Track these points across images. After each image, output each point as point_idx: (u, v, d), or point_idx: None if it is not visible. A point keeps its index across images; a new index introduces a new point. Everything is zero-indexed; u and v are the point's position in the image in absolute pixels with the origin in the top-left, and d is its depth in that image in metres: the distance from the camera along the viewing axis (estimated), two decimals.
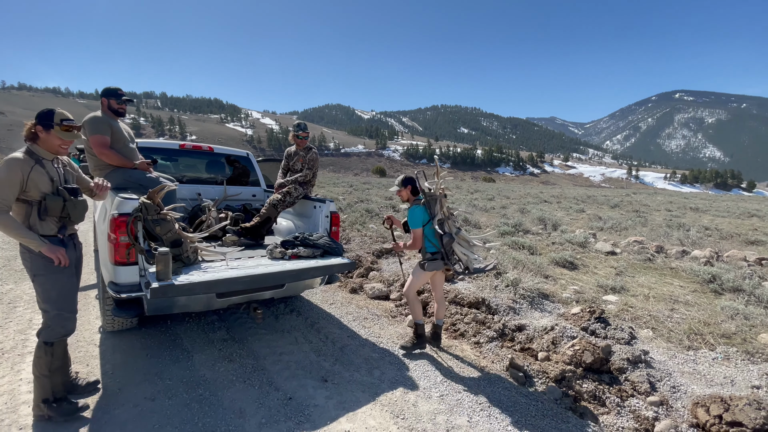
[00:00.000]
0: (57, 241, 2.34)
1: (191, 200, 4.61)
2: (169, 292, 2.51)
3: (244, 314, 4.13)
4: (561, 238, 8.70)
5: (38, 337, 2.35)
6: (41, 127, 2.25)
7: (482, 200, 19.56)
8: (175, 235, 2.89)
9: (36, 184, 2.21)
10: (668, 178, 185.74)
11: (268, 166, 6.54)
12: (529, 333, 3.81)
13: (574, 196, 28.34)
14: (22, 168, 2.17)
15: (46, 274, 2.28)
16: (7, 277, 4.88)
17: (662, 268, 6.61)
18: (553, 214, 13.49)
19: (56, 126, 2.26)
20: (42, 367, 2.34)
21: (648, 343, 3.75)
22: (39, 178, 2.22)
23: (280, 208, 4.21)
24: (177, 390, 2.74)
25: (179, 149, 4.95)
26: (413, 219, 3.37)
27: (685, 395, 2.93)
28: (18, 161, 2.17)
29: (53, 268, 2.29)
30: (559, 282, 5.60)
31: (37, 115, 2.28)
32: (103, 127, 3.34)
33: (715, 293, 5.29)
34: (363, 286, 5.20)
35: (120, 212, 2.72)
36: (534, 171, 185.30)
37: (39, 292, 2.31)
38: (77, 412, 2.40)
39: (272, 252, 3.50)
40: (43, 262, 2.27)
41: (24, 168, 2.17)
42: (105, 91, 3.49)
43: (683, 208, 19.73)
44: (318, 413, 2.58)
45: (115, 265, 2.74)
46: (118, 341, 3.39)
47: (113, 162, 3.41)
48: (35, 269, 2.28)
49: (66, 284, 2.37)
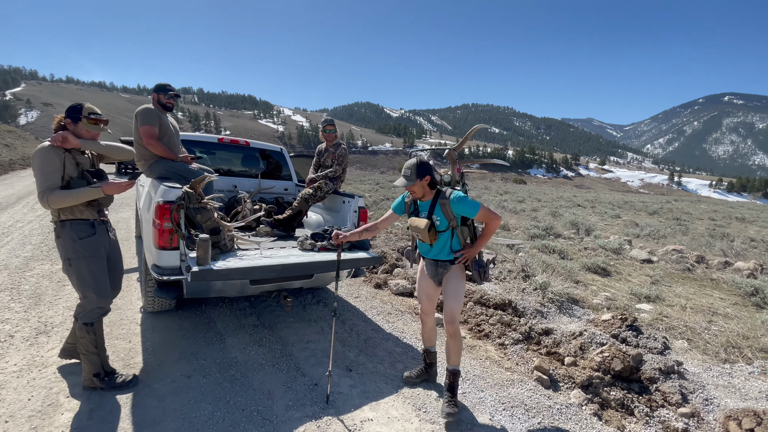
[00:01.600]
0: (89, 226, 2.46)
1: (228, 192, 4.82)
2: (208, 276, 2.66)
3: (273, 302, 4.28)
4: (594, 243, 8.44)
5: (77, 319, 2.51)
6: (70, 120, 2.40)
7: (512, 202, 19.19)
8: (214, 224, 3.05)
9: (68, 169, 2.36)
10: (713, 186, 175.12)
11: (299, 162, 6.72)
12: (556, 337, 3.75)
13: (609, 201, 27.29)
14: (56, 153, 2.31)
15: (79, 258, 2.42)
16: (57, 257, 5.27)
17: (702, 279, 6.30)
18: (587, 219, 13.07)
19: (84, 119, 2.40)
20: (88, 346, 2.52)
21: (682, 354, 3.61)
22: (69, 164, 2.37)
23: (311, 202, 4.33)
24: (210, 369, 2.90)
25: (218, 143, 5.19)
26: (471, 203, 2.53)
27: (718, 408, 2.81)
28: (50, 148, 2.31)
29: (86, 253, 2.42)
30: (589, 288, 5.45)
31: (67, 109, 2.42)
32: (153, 119, 3.55)
33: (757, 307, 5.00)
34: (387, 282, 5.27)
35: (165, 200, 2.90)
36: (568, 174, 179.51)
37: (74, 277, 2.44)
38: (126, 387, 2.58)
39: (302, 244, 3.61)
40: (76, 246, 2.40)
41: (58, 153, 2.32)
42: (156, 86, 3.73)
43: (728, 218, 18.60)
44: (342, 400, 2.67)
45: (158, 249, 2.92)
46: (157, 321, 3.61)
47: (159, 153, 3.62)
48: (70, 254, 2.41)
49: (98, 267, 2.49)
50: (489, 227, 2.56)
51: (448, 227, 2.61)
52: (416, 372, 3.00)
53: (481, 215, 2.51)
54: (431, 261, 2.77)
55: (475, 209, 2.50)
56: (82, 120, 2.40)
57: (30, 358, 2.84)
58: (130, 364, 2.88)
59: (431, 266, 2.78)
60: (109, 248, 2.63)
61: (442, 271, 2.72)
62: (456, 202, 2.54)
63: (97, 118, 2.45)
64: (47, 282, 4.33)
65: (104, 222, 2.61)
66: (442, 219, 2.61)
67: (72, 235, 2.40)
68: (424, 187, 2.59)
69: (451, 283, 2.66)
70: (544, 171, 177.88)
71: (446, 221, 2.60)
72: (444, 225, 2.62)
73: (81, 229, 2.43)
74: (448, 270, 2.69)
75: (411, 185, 2.57)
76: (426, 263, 2.83)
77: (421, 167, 2.55)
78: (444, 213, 2.58)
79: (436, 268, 2.75)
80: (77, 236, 2.41)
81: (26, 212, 8.15)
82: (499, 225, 2.57)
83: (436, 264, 2.74)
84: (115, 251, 2.73)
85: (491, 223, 2.54)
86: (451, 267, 2.68)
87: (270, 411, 2.49)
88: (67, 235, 2.40)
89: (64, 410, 2.34)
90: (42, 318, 3.48)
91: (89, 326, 2.51)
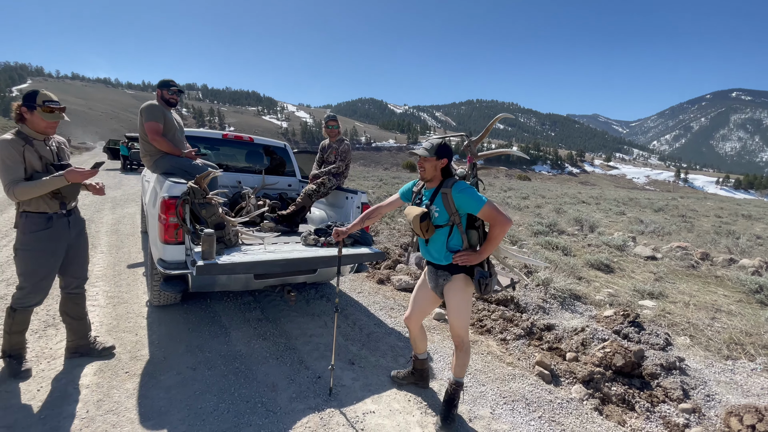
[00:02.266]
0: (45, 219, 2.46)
1: (232, 187, 4.86)
2: (213, 270, 2.70)
3: (277, 297, 4.33)
4: (598, 240, 8.41)
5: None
6: (25, 108, 2.35)
7: (516, 198, 19.14)
8: (219, 219, 3.08)
9: (30, 162, 2.37)
10: (720, 183, 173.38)
11: (303, 158, 6.75)
12: (558, 333, 3.77)
13: (614, 197, 27.13)
14: (14, 146, 2.30)
15: (24, 250, 2.45)
16: None
17: (706, 276, 6.27)
18: (591, 216, 13.01)
19: (38, 107, 2.35)
20: (5, 326, 2.57)
21: (684, 350, 3.61)
22: (30, 157, 2.37)
23: (314, 198, 4.35)
24: (216, 362, 2.94)
25: (222, 139, 5.22)
26: (476, 196, 2.25)
27: (720, 404, 2.82)
28: (8, 141, 2.30)
29: (32, 247, 2.45)
30: (592, 284, 5.45)
31: (23, 96, 2.37)
32: (158, 115, 3.58)
33: (761, 304, 4.98)
34: (390, 278, 5.29)
35: (170, 195, 2.94)
36: (573, 170, 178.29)
37: (17, 265, 2.49)
38: (18, 375, 2.56)
39: (306, 239, 3.64)
40: (24, 238, 2.44)
41: (17, 147, 2.31)
42: (159, 82, 3.76)
43: (735, 215, 18.45)
44: (345, 393, 2.70)
45: (164, 243, 2.96)
46: (163, 315, 3.66)
47: (163, 149, 3.66)
48: (17, 244, 2.46)
49: (41, 262, 2.50)
50: (494, 230, 2.22)
51: (448, 222, 2.30)
52: (403, 373, 2.89)
53: (485, 213, 2.20)
54: (432, 268, 2.50)
55: (479, 203, 2.20)
56: (37, 108, 2.35)
57: (39, 350, 2.90)
58: (136, 357, 2.93)
59: (432, 274, 2.51)
60: (71, 240, 2.63)
61: (443, 282, 2.43)
62: (458, 192, 2.24)
63: (53, 106, 2.38)
64: None
65: (67, 214, 2.60)
66: (442, 211, 2.30)
67: (24, 228, 2.44)
68: (436, 168, 2.33)
69: (452, 298, 2.39)
70: (549, 167, 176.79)
71: (446, 214, 2.29)
72: (443, 219, 2.30)
73: (34, 222, 2.45)
74: (449, 281, 2.39)
75: (426, 158, 2.31)
76: (428, 270, 2.57)
77: (443, 147, 2.33)
78: (445, 204, 2.28)
79: (437, 278, 2.46)
80: (29, 229, 2.44)
81: None
82: (507, 230, 2.22)
83: (436, 272, 2.45)
84: (79, 242, 2.73)
85: (498, 225, 2.20)
86: (453, 278, 2.38)
87: (274, 403, 2.53)
88: (21, 226, 2.45)
89: (72, 401, 2.39)
90: (50, 311, 3.53)
91: (12, 311, 2.54)
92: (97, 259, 5.16)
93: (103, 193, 2.75)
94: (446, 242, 2.34)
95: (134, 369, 2.77)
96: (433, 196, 2.36)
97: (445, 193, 2.29)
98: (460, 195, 2.24)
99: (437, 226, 2.34)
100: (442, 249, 2.36)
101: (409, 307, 2.71)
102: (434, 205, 2.34)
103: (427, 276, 2.58)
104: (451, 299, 2.40)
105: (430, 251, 2.44)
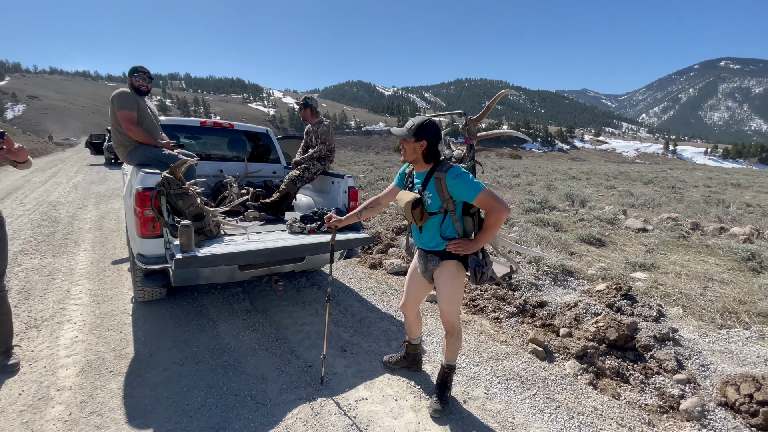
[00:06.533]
0: None
1: (213, 177, 4.71)
2: (193, 263, 2.59)
3: (266, 287, 4.24)
4: (589, 214, 8.41)
5: None
6: None
7: (507, 177, 19.09)
8: (197, 209, 2.96)
9: None
10: (709, 153, 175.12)
11: (289, 144, 6.57)
12: (550, 309, 3.75)
13: (605, 172, 27.23)
14: None
15: None
16: (46, 251, 5.18)
17: (697, 246, 6.30)
18: (582, 191, 13.03)
19: None
20: None
21: (677, 321, 3.61)
22: None
23: (299, 184, 4.23)
24: (203, 356, 2.87)
25: (201, 126, 5.03)
26: (471, 183, 2.07)
27: (715, 374, 2.82)
28: None
29: None
30: (584, 259, 5.44)
31: None
32: (131, 104, 3.40)
33: (753, 272, 5.01)
34: (382, 262, 5.23)
35: (144, 186, 2.80)
36: (563, 147, 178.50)
37: None
38: None
39: (291, 227, 3.54)
40: None
41: None
42: (130, 69, 3.57)
43: (723, 184, 18.63)
44: (336, 381, 2.65)
45: (141, 237, 2.84)
46: (148, 311, 3.56)
47: (139, 138, 3.49)
48: None
49: None
50: (490, 219, 2.07)
51: (441, 209, 2.16)
52: (395, 358, 2.84)
53: (481, 200, 2.04)
54: (421, 252, 2.38)
55: (474, 190, 2.03)
56: None
57: (20, 353, 2.79)
58: (121, 355, 2.84)
59: (421, 258, 2.39)
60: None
61: (432, 267, 2.32)
62: (451, 178, 2.08)
63: None
64: (37, 276, 4.26)
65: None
66: (435, 197, 2.15)
67: None
68: (416, 151, 2.15)
69: (443, 284, 2.28)
70: (539, 145, 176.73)
71: (438, 201, 2.15)
72: (436, 206, 2.16)
73: None
74: (438, 266, 2.28)
75: (403, 139, 2.16)
76: (418, 255, 2.45)
77: (423, 128, 2.11)
78: (438, 190, 2.13)
79: (426, 263, 2.35)
80: None
81: (15, 207, 8.01)
82: (504, 218, 2.04)
83: (426, 255, 2.34)
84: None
85: (494, 213, 2.04)
86: (442, 263, 2.26)
87: (263, 395, 2.47)
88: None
89: (55, 403, 2.31)
90: (32, 312, 3.42)
91: None
92: (80, 256, 5.02)
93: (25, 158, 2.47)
94: (439, 229, 2.22)
95: (119, 368, 2.69)
96: (426, 180, 2.20)
97: (439, 178, 2.13)
98: (454, 182, 2.08)
99: (430, 213, 2.19)
100: (435, 236, 2.23)
101: (403, 294, 2.61)
102: (427, 191, 2.19)
103: (417, 261, 2.48)
104: (442, 285, 2.29)
105: (422, 238, 2.31)
